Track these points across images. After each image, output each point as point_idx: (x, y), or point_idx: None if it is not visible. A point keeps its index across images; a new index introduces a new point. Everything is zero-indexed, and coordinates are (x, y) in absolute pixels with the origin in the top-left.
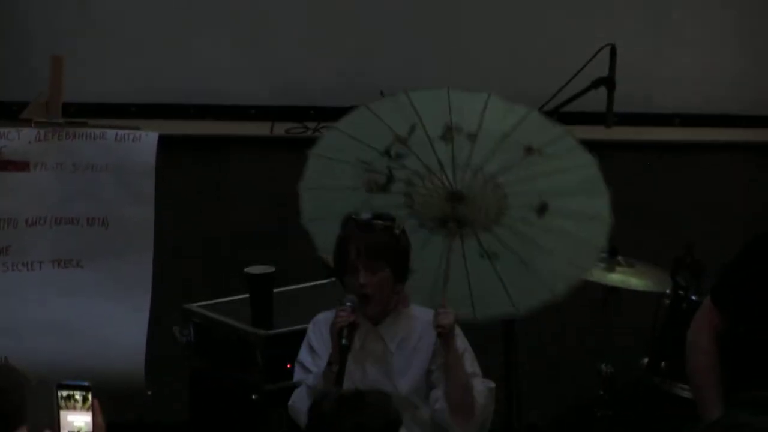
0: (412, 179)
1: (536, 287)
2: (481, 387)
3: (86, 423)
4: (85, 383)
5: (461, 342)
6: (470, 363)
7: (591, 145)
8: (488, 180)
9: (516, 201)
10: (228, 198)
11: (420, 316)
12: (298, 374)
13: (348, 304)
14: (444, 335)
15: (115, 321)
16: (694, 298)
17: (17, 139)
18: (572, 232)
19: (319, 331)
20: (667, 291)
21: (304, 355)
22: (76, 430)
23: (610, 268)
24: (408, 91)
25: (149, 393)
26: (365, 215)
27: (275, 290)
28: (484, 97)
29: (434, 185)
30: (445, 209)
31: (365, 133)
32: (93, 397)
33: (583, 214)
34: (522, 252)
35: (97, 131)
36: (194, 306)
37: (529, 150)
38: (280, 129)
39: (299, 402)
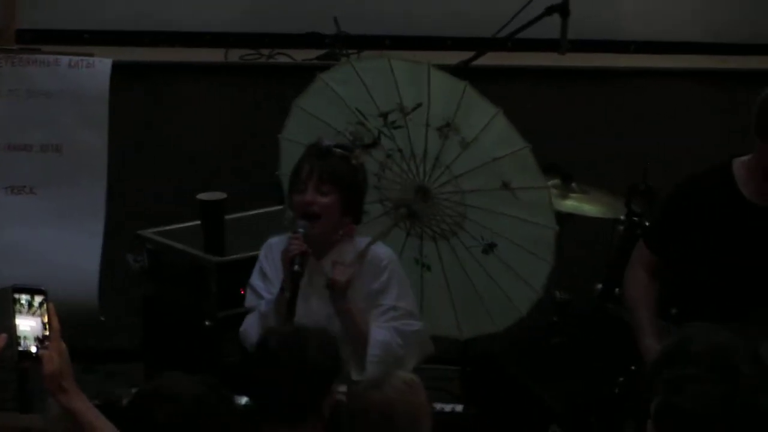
0: (393, 154)
1: (448, 317)
2: (382, 336)
3: (31, 327)
4: (40, 287)
5: (390, 274)
6: (395, 296)
7: (544, 73)
8: (458, 193)
9: (471, 228)
10: (181, 125)
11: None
12: (249, 299)
13: (300, 230)
14: (333, 289)
15: (69, 248)
16: (648, 224)
17: None
18: (503, 287)
19: (271, 256)
20: (622, 217)
21: (255, 279)
22: (21, 335)
23: (564, 195)
24: (431, 67)
25: (102, 319)
26: (327, 141)
27: (227, 217)
28: (492, 112)
29: (409, 170)
30: (406, 197)
31: (375, 85)
32: (46, 300)
33: (521, 272)
34: (452, 278)
35: (51, 58)
36: (148, 232)
37: (505, 186)
38: (235, 56)
39: (250, 328)
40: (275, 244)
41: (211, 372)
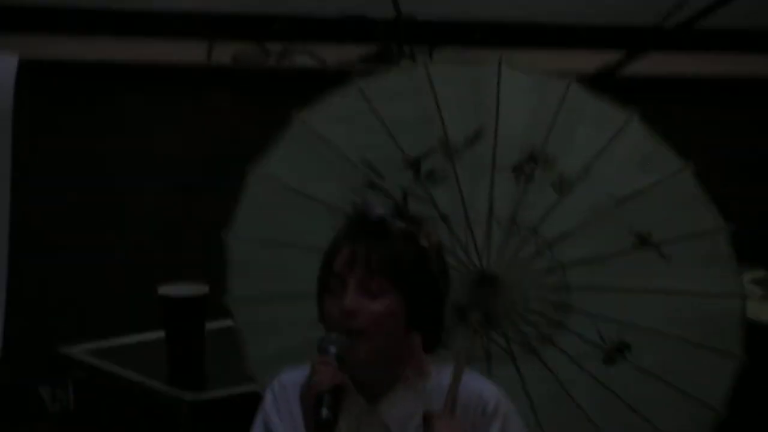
0: (436, 225)
1: None
2: None
3: None
4: None
5: (504, 425)
6: None
7: (742, 85)
8: (555, 271)
9: (578, 325)
10: (135, 160)
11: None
12: None
13: (331, 350)
14: None
15: None
16: None
17: None
18: (643, 411)
19: (284, 402)
20: None
21: None
22: None
23: None
24: (503, 64)
25: None
26: (378, 208)
27: (209, 326)
28: (620, 121)
29: (467, 246)
30: (467, 292)
31: (397, 115)
32: None
33: (680, 383)
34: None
35: None
36: (77, 350)
37: (641, 240)
38: (224, 54)
39: None
40: (289, 384)
41: None
